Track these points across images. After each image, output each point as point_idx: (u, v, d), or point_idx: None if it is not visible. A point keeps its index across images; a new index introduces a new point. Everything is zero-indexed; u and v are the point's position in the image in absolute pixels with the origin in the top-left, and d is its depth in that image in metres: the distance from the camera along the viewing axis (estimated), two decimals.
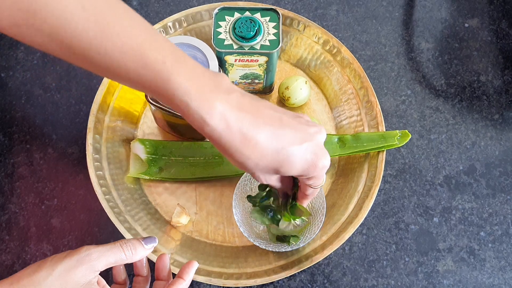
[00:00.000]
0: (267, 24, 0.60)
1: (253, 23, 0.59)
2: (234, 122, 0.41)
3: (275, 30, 0.60)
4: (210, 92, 0.41)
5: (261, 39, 0.59)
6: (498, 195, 0.67)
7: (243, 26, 0.59)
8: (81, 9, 0.37)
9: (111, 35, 0.38)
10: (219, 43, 0.59)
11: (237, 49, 0.59)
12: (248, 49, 0.59)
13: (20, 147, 0.68)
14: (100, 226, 0.65)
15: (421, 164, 0.68)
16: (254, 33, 0.58)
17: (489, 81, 0.72)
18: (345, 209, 0.62)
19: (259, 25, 0.59)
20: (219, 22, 0.60)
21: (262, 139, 0.42)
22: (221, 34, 0.59)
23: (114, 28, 0.38)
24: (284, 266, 0.59)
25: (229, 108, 0.41)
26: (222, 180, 0.66)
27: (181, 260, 0.60)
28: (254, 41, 0.59)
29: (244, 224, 0.61)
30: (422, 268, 0.63)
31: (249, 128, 0.42)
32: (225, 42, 0.59)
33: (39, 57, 0.73)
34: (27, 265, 0.62)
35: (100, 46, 0.38)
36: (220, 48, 0.59)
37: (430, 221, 0.65)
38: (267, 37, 0.59)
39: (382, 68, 0.73)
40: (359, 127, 0.66)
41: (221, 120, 0.41)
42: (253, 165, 0.44)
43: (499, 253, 0.64)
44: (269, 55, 0.59)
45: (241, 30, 0.58)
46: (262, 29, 0.59)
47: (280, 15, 0.60)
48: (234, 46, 0.59)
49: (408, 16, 0.76)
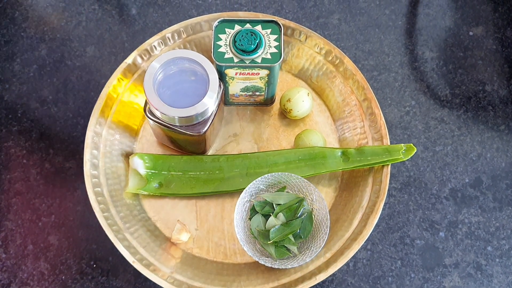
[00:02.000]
0: (268, 37, 0.58)
1: (254, 36, 0.57)
2: None
3: (276, 42, 0.58)
4: None
5: (262, 52, 0.58)
6: (505, 209, 0.65)
7: (244, 39, 0.57)
8: None
9: None
10: (219, 56, 0.58)
11: (237, 63, 0.57)
12: (249, 62, 0.57)
13: (16, 162, 0.66)
14: (98, 243, 0.63)
15: (426, 176, 0.67)
16: (255, 46, 0.57)
17: (494, 91, 0.71)
18: (349, 224, 0.61)
19: (260, 38, 0.57)
20: (219, 35, 0.59)
21: None
22: (221, 47, 0.58)
23: None
24: (287, 284, 0.58)
25: None
26: (223, 194, 0.64)
27: (181, 279, 0.59)
28: (255, 55, 0.57)
29: (248, 243, 0.59)
30: (428, 284, 0.62)
31: None
32: (226, 56, 0.57)
33: (36, 69, 0.71)
34: (24, 284, 0.61)
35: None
36: (220, 62, 0.57)
37: (436, 235, 0.64)
38: (269, 50, 0.58)
39: (385, 78, 0.71)
40: (363, 139, 0.65)
41: None
42: None
43: (507, 268, 0.63)
44: (271, 68, 0.58)
45: (241, 43, 0.57)
46: (263, 42, 0.58)
47: (282, 27, 0.59)
48: (235, 59, 0.57)
49: (411, 25, 0.74)
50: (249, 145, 0.67)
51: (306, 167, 0.63)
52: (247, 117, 0.68)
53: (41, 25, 0.74)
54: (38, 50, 0.72)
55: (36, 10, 0.75)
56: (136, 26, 0.74)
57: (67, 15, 0.74)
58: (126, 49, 0.72)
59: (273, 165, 0.63)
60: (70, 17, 0.74)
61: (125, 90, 0.66)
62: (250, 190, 0.61)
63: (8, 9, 0.74)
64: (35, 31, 0.73)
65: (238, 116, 0.68)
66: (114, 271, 0.62)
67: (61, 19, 0.74)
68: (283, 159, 0.63)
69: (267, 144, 0.67)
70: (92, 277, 0.62)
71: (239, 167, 0.63)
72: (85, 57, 0.72)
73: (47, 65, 0.72)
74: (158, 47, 0.67)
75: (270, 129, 0.67)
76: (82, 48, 0.73)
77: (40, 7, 0.75)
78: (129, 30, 0.74)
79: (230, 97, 0.66)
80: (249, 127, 0.68)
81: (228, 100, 0.67)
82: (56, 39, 0.73)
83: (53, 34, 0.73)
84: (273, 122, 0.68)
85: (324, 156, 0.62)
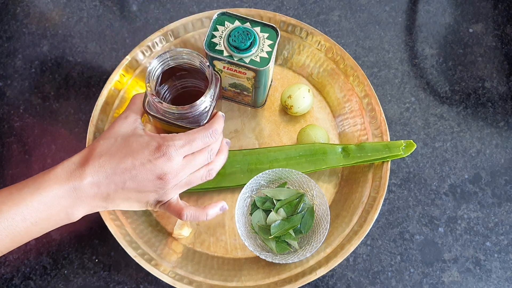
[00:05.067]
0: (263, 40, 0.58)
1: (249, 35, 0.57)
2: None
3: (269, 48, 0.58)
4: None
5: (253, 54, 0.57)
6: (504, 204, 0.66)
7: (238, 37, 0.57)
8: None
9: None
10: (211, 46, 0.57)
11: (225, 57, 0.57)
12: (237, 60, 0.57)
13: (18, 157, 0.67)
14: (100, 238, 0.64)
15: (426, 172, 0.67)
16: (248, 46, 0.57)
17: (494, 88, 0.71)
18: (349, 220, 0.61)
19: (254, 39, 0.57)
20: (218, 25, 0.58)
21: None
22: (216, 38, 0.58)
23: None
24: (288, 279, 0.59)
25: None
26: (224, 189, 0.65)
27: (182, 273, 0.59)
28: (245, 54, 0.57)
29: (248, 238, 0.60)
30: (428, 279, 0.63)
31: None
32: (217, 47, 0.57)
33: (37, 65, 0.71)
34: (27, 278, 0.62)
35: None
36: (210, 51, 0.57)
37: (435, 231, 0.65)
38: (260, 53, 0.57)
39: (385, 75, 0.72)
40: (363, 136, 0.65)
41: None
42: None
43: (505, 263, 0.63)
44: (257, 72, 0.58)
45: (235, 39, 0.57)
46: (257, 44, 0.57)
47: (279, 35, 0.58)
48: (225, 53, 0.57)
49: (412, 22, 0.75)
50: (250, 141, 0.67)
51: (306, 163, 0.63)
52: (248, 113, 0.68)
53: (43, 21, 0.74)
54: (40, 46, 0.72)
55: (37, 6, 0.75)
56: (138, 22, 0.74)
57: (68, 11, 0.75)
58: (128, 46, 0.73)
59: (274, 161, 0.63)
60: (72, 13, 0.74)
61: (126, 86, 0.66)
62: (251, 186, 0.61)
63: (9, 5, 0.75)
64: (36, 27, 0.74)
65: (239, 112, 0.68)
66: (116, 266, 0.63)
67: (63, 15, 0.74)
68: (284, 155, 0.63)
69: (268, 140, 0.67)
70: (94, 271, 0.63)
71: (240, 163, 0.64)
72: (86, 53, 0.72)
73: (48, 61, 0.72)
74: (160, 43, 0.68)
75: (271, 126, 0.68)
76: (84, 44, 0.73)
77: (41, 3, 0.75)
78: (131, 26, 0.74)
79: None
80: (250, 123, 0.68)
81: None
82: (57, 35, 0.73)
83: (54, 30, 0.73)
84: (274, 119, 0.68)
85: (325, 152, 0.63)
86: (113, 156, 0.51)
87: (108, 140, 0.52)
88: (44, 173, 0.50)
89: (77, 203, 0.50)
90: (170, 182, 0.52)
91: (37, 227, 0.50)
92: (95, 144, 0.52)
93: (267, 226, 0.60)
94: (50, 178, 0.49)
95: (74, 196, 0.50)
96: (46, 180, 0.49)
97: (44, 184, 0.49)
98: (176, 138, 0.52)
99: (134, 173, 0.50)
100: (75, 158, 0.51)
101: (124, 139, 0.52)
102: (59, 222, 0.51)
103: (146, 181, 0.51)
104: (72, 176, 0.50)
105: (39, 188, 0.49)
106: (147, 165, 0.50)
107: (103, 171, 0.50)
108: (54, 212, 0.50)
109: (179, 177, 0.52)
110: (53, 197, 0.49)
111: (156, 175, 0.51)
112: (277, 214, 0.60)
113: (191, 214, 0.55)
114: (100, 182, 0.50)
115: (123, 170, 0.50)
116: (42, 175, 0.50)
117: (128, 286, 0.62)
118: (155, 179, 0.51)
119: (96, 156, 0.51)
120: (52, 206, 0.49)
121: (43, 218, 0.49)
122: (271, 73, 0.64)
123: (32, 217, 0.48)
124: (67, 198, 0.49)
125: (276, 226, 0.60)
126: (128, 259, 0.63)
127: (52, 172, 0.50)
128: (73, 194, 0.50)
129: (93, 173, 0.50)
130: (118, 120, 0.55)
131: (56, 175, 0.50)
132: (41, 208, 0.49)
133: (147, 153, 0.51)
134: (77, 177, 0.49)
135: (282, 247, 0.60)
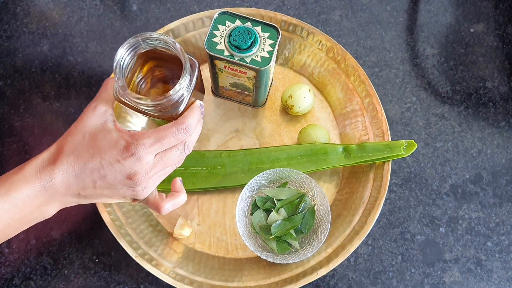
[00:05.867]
0: (264, 40, 0.58)
1: (250, 34, 0.57)
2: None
3: (270, 48, 0.57)
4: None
5: (254, 53, 0.57)
6: (505, 204, 0.66)
7: (239, 36, 0.57)
8: None
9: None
10: (211, 45, 0.57)
11: (226, 56, 0.57)
12: (237, 59, 0.57)
13: (19, 157, 0.67)
14: (101, 238, 0.63)
15: (427, 172, 0.67)
16: (249, 46, 0.56)
17: (495, 88, 0.71)
18: (350, 220, 0.61)
19: (255, 38, 0.57)
20: (218, 25, 0.58)
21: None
22: (216, 37, 0.58)
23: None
24: (289, 279, 0.58)
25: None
26: (225, 189, 0.65)
27: (183, 273, 0.59)
28: (246, 54, 0.56)
29: (249, 238, 0.60)
30: (429, 279, 0.62)
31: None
32: (217, 47, 0.57)
33: (38, 64, 0.71)
34: (27, 278, 0.61)
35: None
36: (210, 51, 0.57)
37: (436, 231, 0.64)
38: (261, 53, 0.57)
39: (386, 75, 0.71)
40: (364, 135, 0.65)
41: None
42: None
43: (506, 263, 0.63)
44: (258, 72, 0.57)
45: (236, 39, 0.57)
46: (258, 43, 0.57)
47: (280, 35, 0.58)
48: (225, 52, 0.57)
49: (413, 21, 0.74)
50: (251, 141, 0.67)
51: (307, 163, 0.63)
52: (248, 113, 0.68)
53: (43, 20, 0.74)
54: (40, 46, 0.72)
55: (37, 6, 0.75)
56: (138, 21, 0.74)
57: (68, 11, 0.74)
58: None
59: (275, 160, 0.63)
60: (72, 13, 0.74)
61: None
62: (252, 186, 0.61)
63: (9, 5, 0.74)
64: (37, 26, 0.73)
65: (240, 112, 0.68)
66: (117, 266, 0.63)
67: (63, 14, 0.74)
68: (284, 155, 0.63)
69: (269, 140, 0.67)
70: (94, 271, 0.62)
71: (241, 163, 0.64)
72: (87, 52, 0.72)
73: (49, 61, 0.72)
74: None
75: (272, 125, 0.68)
76: (84, 43, 0.73)
77: (41, 3, 0.75)
78: (131, 25, 0.74)
79: (220, 89, 0.66)
80: (251, 123, 0.68)
81: (218, 91, 0.67)
82: (58, 35, 0.73)
83: (55, 30, 0.73)
84: (275, 118, 0.68)
85: (326, 152, 0.63)
86: (80, 156, 0.49)
87: (76, 136, 0.50)
88: (13, 172, 0.49)
89: (49, 201, 0.49)
90: (141, 182, 0.50)
91: (12, 228, 0.49)
92: (63, 141, 0.50)
93: (268, 226, 0.60)
94: (20, 179, 0.48)
95: (46, 195, 0.48)
96: (15, 181, 0.48)
97: (14, 185, 0.48)
98: (145, 136, 0.49)
99: (103, 173, 0.49)
100: (44, 155, 0.50)
101: (92, 135, 0.50)
102: (34, 220, 0.50)
103: (116, 180, 0.49)
104: (42, 175, 0.48)
105: (10, 190, 0.47)
106: (116, 165, 0.48)
107: (71, 170, 0.48)
108: (27, 212, 0.49)
109: (150, 175, 0.50)
110: (24, 198, 0.48)
111: (125, 175, 0.49)
112: (278, 214, 0.60)
113: (170, 205, 0.53)
114: (70, 182, 0.49)
115: (91, 170, 0.49)
116: (11, 174, 0.49)
117: (128, 286, 0.62)
118: (125, 179, 0.49)
119: (64, 154, 0.49)
120: (24, 206, 0.48)
121: (16, 219, 0.48)
122: (272, 73, 0.63)
123: (5, 219, 0.48)
124: (39, 197, 0.48)
125: (277, 226, 0.60)
126: (128, 259, 0.63)
127: (21, 172, 0.48)
128: (45, 193, 0.48)
129: (62, 172, 0.48)
130: (86, 111, 0.51)
131: (25, 175, 0.48)
132: (14, 210, 0.48)
133: (116, 152, 0.48)
134: (47, 176, 0.48)
135: (283, 247, 0.60)
